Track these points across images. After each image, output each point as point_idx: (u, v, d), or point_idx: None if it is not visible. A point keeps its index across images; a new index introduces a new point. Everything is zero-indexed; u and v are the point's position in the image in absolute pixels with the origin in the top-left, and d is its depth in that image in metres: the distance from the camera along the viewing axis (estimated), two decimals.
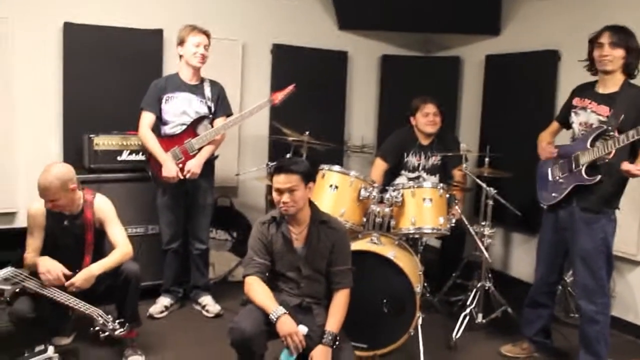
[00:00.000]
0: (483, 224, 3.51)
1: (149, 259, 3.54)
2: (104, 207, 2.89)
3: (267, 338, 2.37)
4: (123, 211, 3.03)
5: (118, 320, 2.67)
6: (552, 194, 2.93)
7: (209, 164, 3.51)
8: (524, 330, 3.21)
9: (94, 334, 2.62)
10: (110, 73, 3.82)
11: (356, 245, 2.92)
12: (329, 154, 4.02)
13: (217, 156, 3.59)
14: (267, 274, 2.54)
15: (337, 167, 3.28)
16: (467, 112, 4.77)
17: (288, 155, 3.84)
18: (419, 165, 3.98)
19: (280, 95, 3.47)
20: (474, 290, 3.53)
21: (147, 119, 3.40)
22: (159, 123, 3.45)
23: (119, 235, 2.87)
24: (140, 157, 3.58)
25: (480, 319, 3.47)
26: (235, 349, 2.33)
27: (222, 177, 4.02)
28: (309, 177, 2.50)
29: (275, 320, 2.31)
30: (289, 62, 4.49)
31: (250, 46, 4.40)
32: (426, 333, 2.98)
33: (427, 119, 3.88)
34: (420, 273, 3.10)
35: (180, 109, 3.41)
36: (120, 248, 2.83)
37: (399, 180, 3.95)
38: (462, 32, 4.71)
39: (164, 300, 3.57)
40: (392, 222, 3.24)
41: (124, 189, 3.53)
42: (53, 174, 2.66)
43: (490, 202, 3.52)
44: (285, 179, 2.42)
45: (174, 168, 3.33)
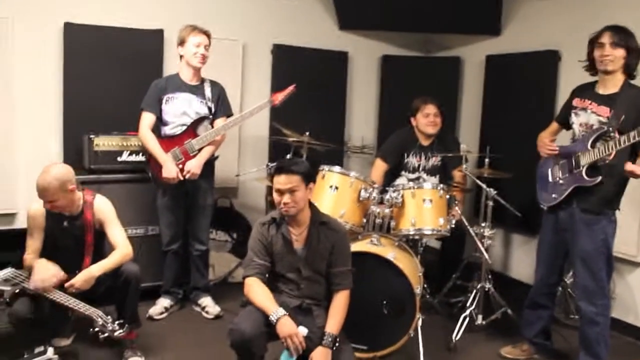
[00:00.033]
0: (483, 225, 3.51)
1: (148, 260, 3.53)
2: (103, 208, 2.89)
3: (267, 339, 2.37)
4: (123, 212, 3.03)
5: (118, 322, 2.66)
6: (552, 194, 2.93)
7: (209, 164, 3.51)
8: (524, 332, 3.20)
9: (94, 335, 2.60)
10: (110, 73, 3.81)
11: (356, 247, 2.92)
12: (329, 155, 4.03)
13: (217, 157, 3.59)
14: (267, 275, 2.54)
15: (337, 168, 3.29)
16: (467, 112, 4.76)
17: (288, 156, 3.83)
18: (419, 166, 3.97)
19: (280, 96, 3.47)
20: (474, 291, 3.52)
21: (147, 119, 3.39)
22: (159, 123, 3.44)
23: (119, 236, 2.87)
24: (141, 158, 3.57)
25: (480, 320, 3.46)
26: (235, 350, 2.33)
27: (222, 178, 4.01)
28: (310, 178, 2.50)
29: (275, 321, 2.31)
30: (289, 63, 4.48)
31: (250, 46, 4.39)
32: (426, 334, 2.98)
33: (427, 120, 3.88)
34: (420, 274, 3.10)
35: (180, 110, 3.40)
36: (120, 249, 2.83)
37: (399, 181, 3.95)
38: (462, 32, 4.71)
39: (163, 302, 3.56)
40: (392, 223, 3.24)
41: (124, 189, 3.52)
42: (52, 175, 2.66)
43: (490, 203, 3.52)
44: (286, 179, 2.42)
45: (174, 169, 3.33)
